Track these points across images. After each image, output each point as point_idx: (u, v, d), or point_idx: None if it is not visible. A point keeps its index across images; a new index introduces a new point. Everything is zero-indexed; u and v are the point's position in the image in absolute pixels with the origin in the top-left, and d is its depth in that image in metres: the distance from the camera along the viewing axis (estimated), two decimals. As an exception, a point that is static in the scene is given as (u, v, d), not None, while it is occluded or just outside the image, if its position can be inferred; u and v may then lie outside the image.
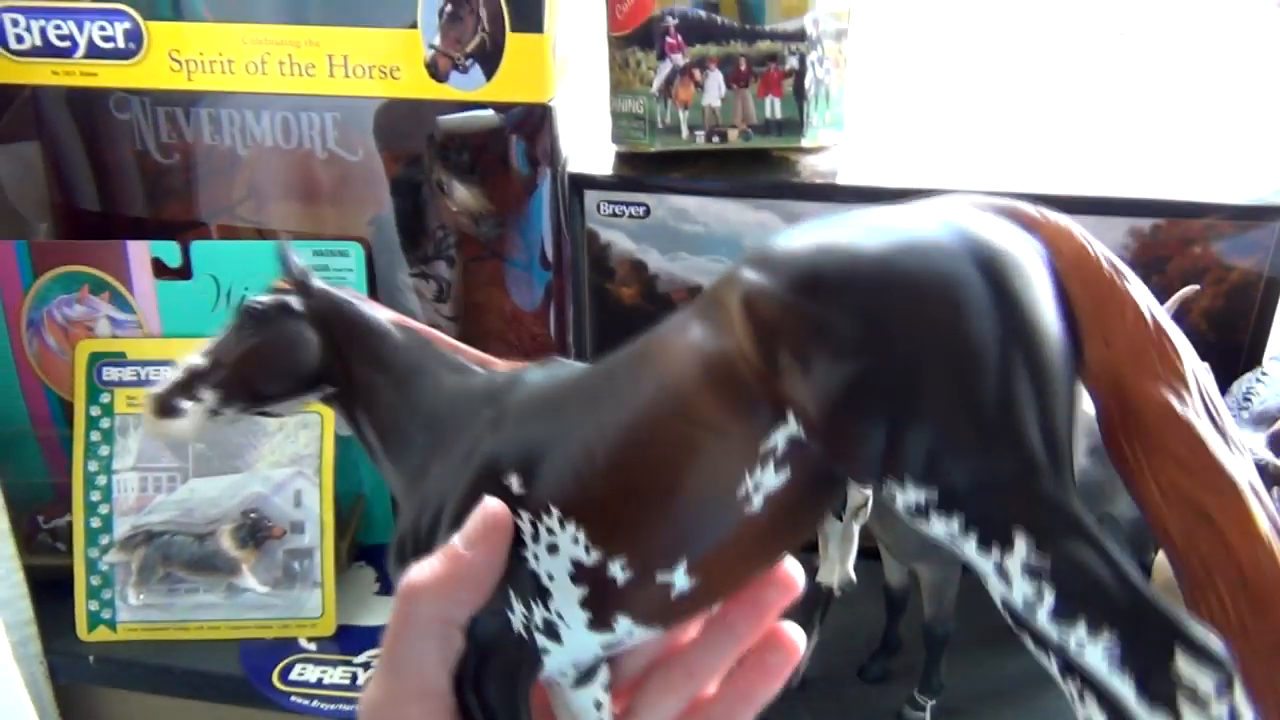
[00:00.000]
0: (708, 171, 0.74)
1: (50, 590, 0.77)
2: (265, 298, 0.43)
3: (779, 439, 0.32)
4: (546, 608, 0.36)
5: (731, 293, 0.32)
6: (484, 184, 0.76)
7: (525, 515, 0.36)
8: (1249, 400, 0.57)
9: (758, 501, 0.32)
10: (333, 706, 0.71)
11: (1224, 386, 0.62)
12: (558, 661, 0.37)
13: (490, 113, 0.73)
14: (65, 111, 0.82)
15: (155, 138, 0.81)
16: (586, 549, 0.34)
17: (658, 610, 0.35)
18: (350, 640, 0.76)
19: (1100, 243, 0.32)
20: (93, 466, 0.76)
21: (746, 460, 0.32)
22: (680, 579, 0.34)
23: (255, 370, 0.42)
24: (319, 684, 0.73)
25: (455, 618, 0.35)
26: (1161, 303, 0.59)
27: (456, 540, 0.35)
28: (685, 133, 0.73)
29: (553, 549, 0.35)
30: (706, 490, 0.33)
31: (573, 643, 0.36)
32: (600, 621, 0.35)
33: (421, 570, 0.36)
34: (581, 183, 0.74)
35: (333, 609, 0.76)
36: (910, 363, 0.29)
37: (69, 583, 0.76)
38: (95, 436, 0.77)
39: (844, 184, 0.73)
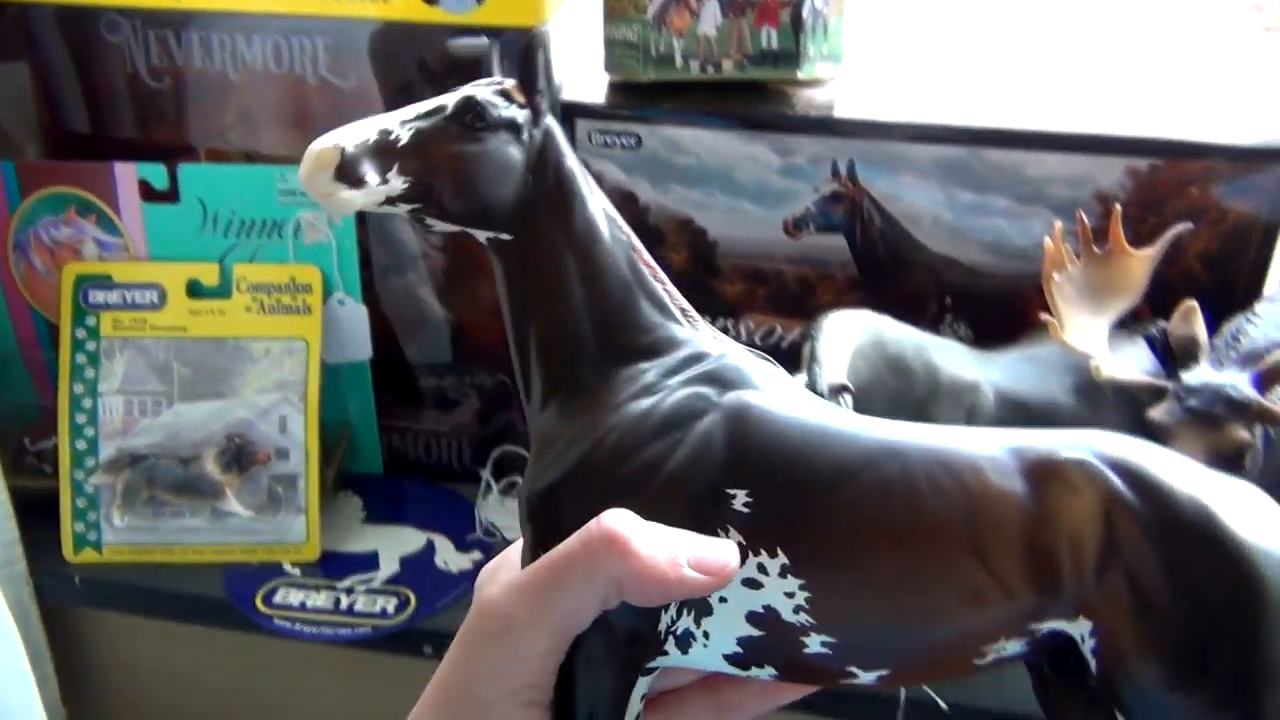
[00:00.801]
0: (701, 102, 0.72)
1: (37, 512, 0.77)
2: (496, 101, 0.36)
3: (1051, 627, 0.32)
4: (697, 622, 0.34)
5: (1089, 487, 0.32)
6: (474, 110, 0.75)
7: (734, 535, 0.33)
8: (1237, 340, 0.56)
9: (988, 659, 0.33)
10: (315, 630, 0.72)
11: (1215, 328, 0.61)
12: (666, 662, 0.35)
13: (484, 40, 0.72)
14: (56, 32, 0.80)
15: (146, 60, 0.80)
16: (796, 610, 0.33)
17: (809, 675, 0.34)
18: (334, 566, 0.77)
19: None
20: (78, 389, 0.76)
21: (1013, 630, 0.33)
22: (867, 677, 0.34)
23: (455, 180, 0.35)
24: (302, 607, 0.73)
25: (630, 596, 0.33)
26: (1154, 241, 0.59)
27: (687, 552, 0.32)
28: (679, 62, 0.72)
29: (752, 584, 0.33)
30: (960, 634, 0.33)
31: (696, 657, 0.35)
32: (745, 661, 0.34)
33: (637, 533, 0.32)
34: (573, 111, 0.73)
35: (317, 535, 0.76)
36: (1250, 661, 0.31)
37: (55, 504, 0.77)
38: (81, 359, 0.76)
39: (840, 117, 0.72)
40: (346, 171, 0.33)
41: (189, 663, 0.85)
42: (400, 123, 0.35)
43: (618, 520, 0.32)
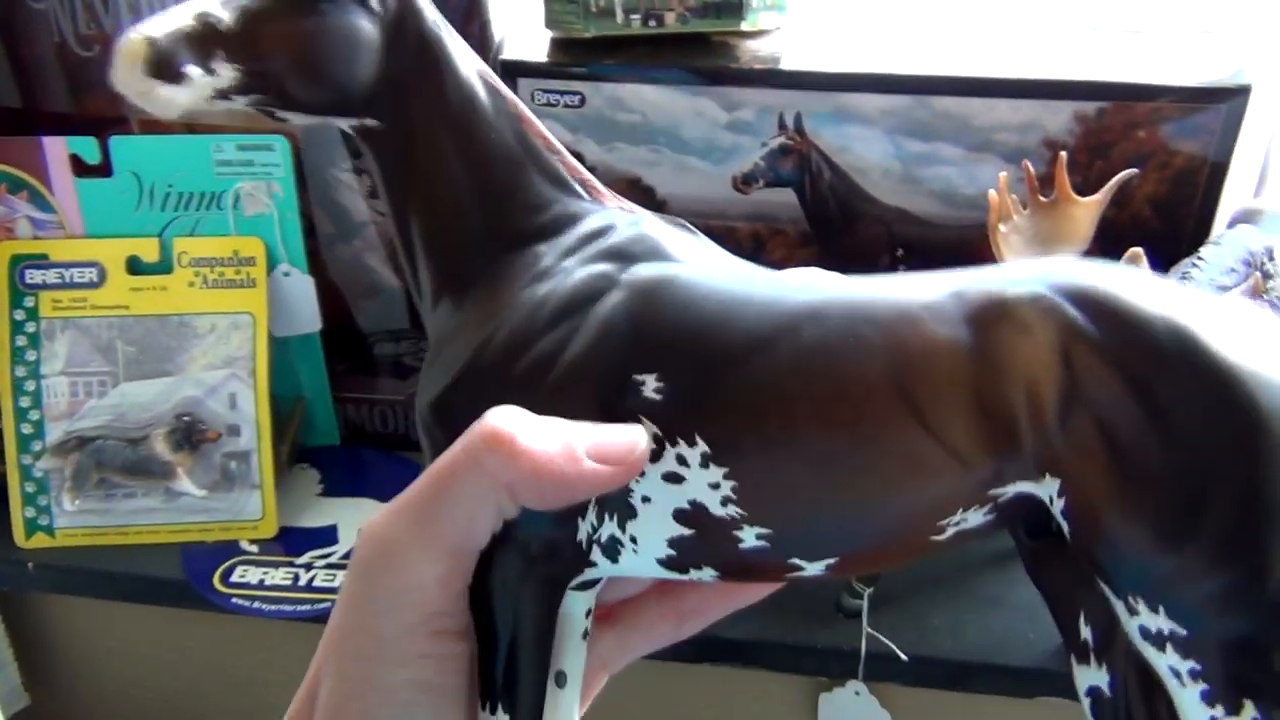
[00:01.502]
0: (644, 57, 0.71)
1: (-14, 498, 0.76)
2: None
3: (1015, 490, 0.28)
4: (622, 528, 0.31)
5: (1042, 324, 0.28)
6: (413, 73, 0.73)
7: (648, 425, 0.30)
8: (1184, 284, 0.56)
9: (949, 535, 0.29)
10: (274, 607, 0.71)
11: (1165, 271, 0.61)
12: (596, 574, 0.32)
13: None
14: (-23, 3, 0.78)
15: (74, 28, 0.77)
16: (724, 501, 0.29)
17: (750, 572, 0.31)
18: (292, 542, 0.76)
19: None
20: (20, 372, 0.74)
21: (970, 499, 0.28)
22: (814, 568, 0.30)
23: (296, 62, 0.31)
24: (260, 585, 0.72)
25: (526, 500, 0.28)
26: (1102, 187, 0.58)
27: (584, 442, 0.28)
28: (620, 17, 0.70)
29: (673, 479, 0.30)
30: (911, 510, 0.29)
31: (628, 565, 0.31)
32: (681, 564, 0.31)
33: (523, 429, 0.28)
34: (514, 70, 0.72)
35: (273, 511, 0.76)
36: (1250, 507, 0.26)
37: (4, 490, 0.75)
38: (21, 341, 0.75)
39: (787, 69, 0.70)
40: (162, 66, 0.29)
41: (150, 644, 0.85)
42: (222, 3, 0.31)
43: (501, 417, 0.28)
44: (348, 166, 0.78)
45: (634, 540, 0.31)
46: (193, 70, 0.30)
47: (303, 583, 0.72)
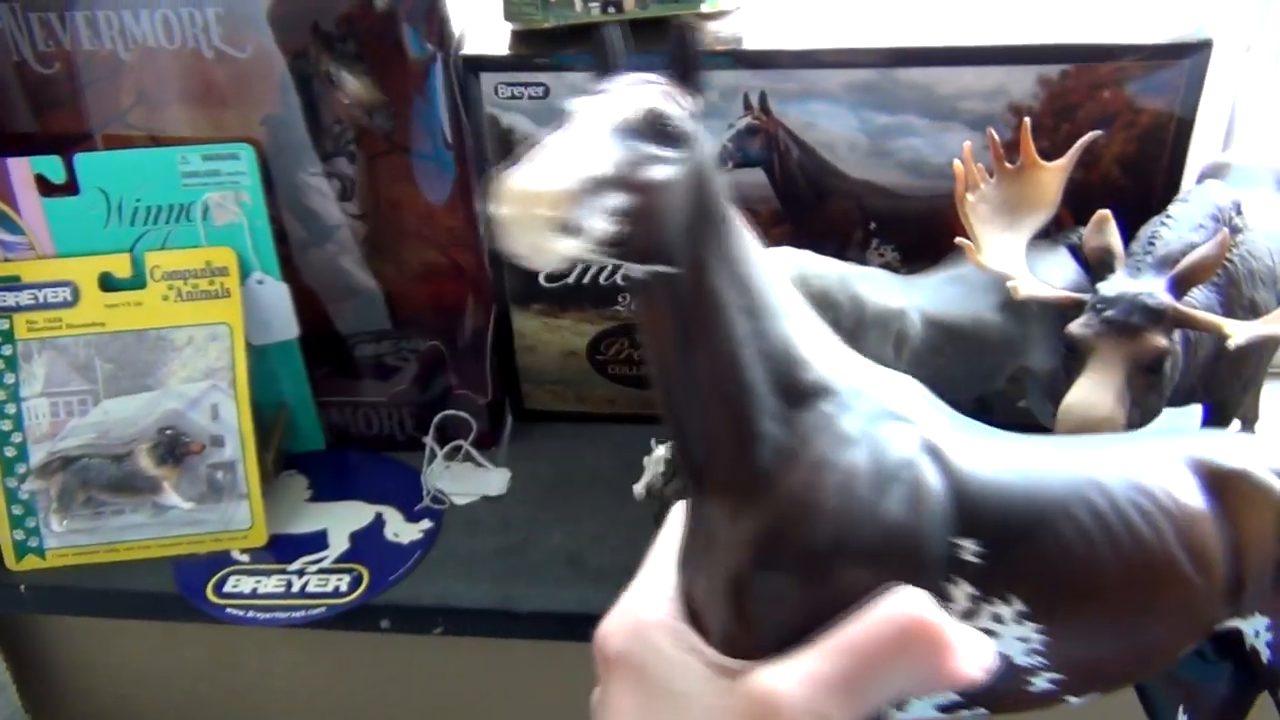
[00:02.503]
0: (606, 45, 0.71)
1: (-27, 522, 0.75)
2: (673, 110, 0.29)
3: (1229, 625, 0.35)
4: None
5: (1264, 498, 0.35)
6: (375, 73, 0.73)
7: (965, 587, 0.32)
8: (1153, 244, 0.56)
9: (1175, 660, 0.35)
10: (269, 615, 0.71)
11: (1135, 231, 0.61)
12: None
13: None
14: (-67, 26, 0.77)
15: (32, 46, 0.77)
16: (1029, 653, 0.33)
17: (1021, 706, 0.35)
18: (283, 549, 0.76)
19: None
20: (-1, 395, 0.74)
21: (1207, 632, 0.35)
22: (1078, 702, 0.35)
23: (657, 212, 0.29)
24: (254, 594, 0.73)
25: (928, 690, 0.33)
26: (1068, 149, 0.58)
27: (969, 648, 0.30)
28: (579, 5, 0.70)
29: (987, 634, 0.33)
30: (1170, 644, 0.34)
31: (912, 711, 0.35)
32: (959, 707, 0.34)
33: (954, 631, 0.30)
34: (476, 65, 0.71)
35: (262, 519, 0.76)
36: None
37: (-9, 514, 0.75)
38: (-2, 364, 0.74)
39: (749, 49, 0.70)
40: (567, 224, 0.27)
41: (146, 659, 0.85)
42: (593, 147, 0.28)
43: (928, 610, 0.30)
44: (316, 171, 0.77)
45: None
46: (587, 223, 0.27)
47: (296, 589, 0.73)
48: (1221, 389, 0.61)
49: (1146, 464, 0.35)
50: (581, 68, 0.70)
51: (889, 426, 0.32)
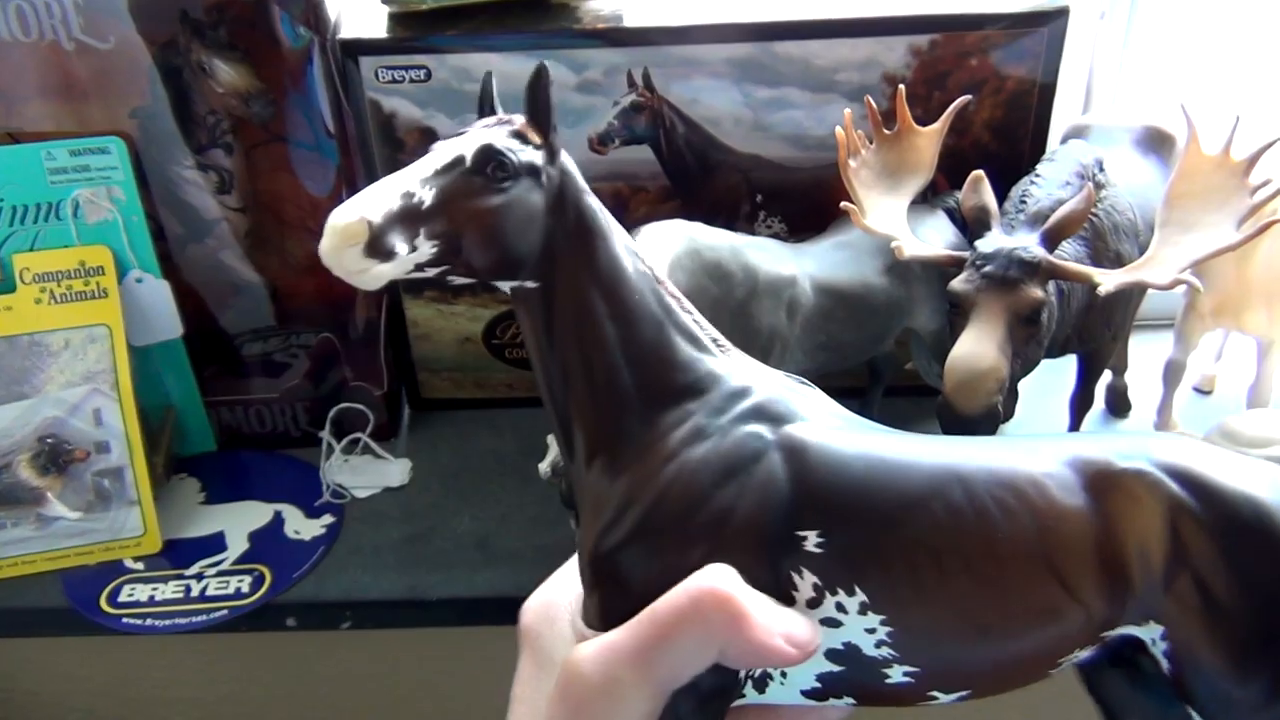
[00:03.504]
0: (486, 25, 0.70)
1: None
2: (514, 145, 0.33)
3: (1120, 632, 0.33)
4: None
5: (1150, 497, 0.33)
6: (249, 59, 0.71)
7: (809, 576, 0.33)
8: (1024, 202, 0.59)
9: (1061, 666, 0.34)
10: (168, 622, 0.69)
11: (1007, 192, 0.64)
12: (741, 704, 0.35)
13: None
14: None
15: (-127, 44, 0.72)
16: (878, 645, 0.33)
17: (888, 701, 0.34)
18: (179, 554, 0.74)
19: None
20: None
21: (1088, 640, 0.33)
22: (947, 699, 0.34)
23: (481, 236, 0.33)
24: (151, 602, 0.70)
25: (727, 659, 0.32)
26: (941, 115, 0.61)
27: (782, 624, 0.32)
28: (457, -14, 0.69)
29: (831, 623, 0.33)
30: (1041, 650, 0.33)
31: (773, 695, 0.35)
32: (823, 694, 0.34)
33: (749, 599, 0.32)
34: (354, 49, 0.70)
35: (155, 525, 0.73)
36: None
37: None
38: None
39: (629, 26, 0.71)
40: (377, 246, 0.31)
41: (41, 678, 0.81)
42: (420, 181, 0.32)
43: (727, 582, 0.32)
44: (190, 164, 0.75)
45: (784, 675, 0.34)
46: (401, 248, 0.31)
47: (195, 593, 0.71)
48: (1093, 338, 0.64)
49: (1022, 460, 0.34)
50: (462, 49, 0.70)
51: (748, 426, 0.34)
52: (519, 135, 0.34)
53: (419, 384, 0.85)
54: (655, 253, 0.60)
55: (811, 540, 0.33)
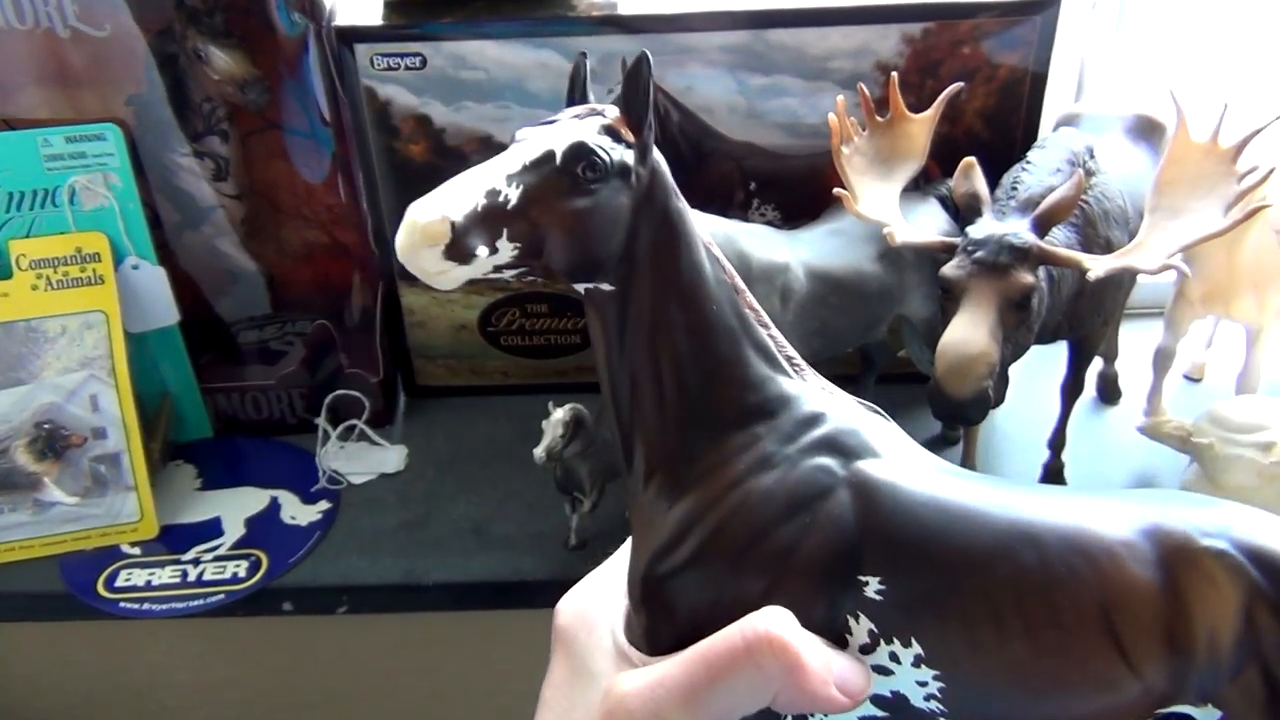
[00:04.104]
0: (481, 13, 0.71)
1: None
2: (605, 144, 0.31)
3: (1175, 710, 0.32)
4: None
5: (1229, 582, 0.31)
6: (244, 46, 0.71)
7: (865, 623, 0.32)
8: (1015, 189, 0.59)
9: None
10: (165, 606, 0.70)
11: (998, 176, 0.64)
12: None
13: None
14: None
15: None
16: (927, 698, 0.32)
17: None
18: (176, 539, 0.74)
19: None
20: None
21: (1141, 712, 0.32)
22: None
23: (566, 240, 0.31)
24: (148, 586, 0.71)
25: (777, 705, 0.31)
26: (933, 103, 0.61)
27: (835, 670, 0.31)
28: (453, -27, 0.70)
29: (883, 671, 0.32)
30: (1088, 716, 0.32)
31: None
32: None
33: (804, 645, 0.31)
34: (350, 36, 0.70)
35: (151, 511, 0.74)
36: None
37: None
38: None
39: (624, 14, 0.71)
40: (457, 247, 0.29)
41: (40, 664, 0.82)
42: (505, 178, 0.30)
43: (782, 625, 0.31)
44: (186, 151, 0.75)
45: (826, 716, 0.33)
46: (481, 250, 0.30)
47: (191, 578, 0.71)
48: (1084, 324, 0.65)
49: (1099, 523, 0.32)
50: (458, 36, 0.70)
51: (818, 459, 0.33)
52: (611, 131, 0.32)
53: (415, 371, 0.85)
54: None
55: (873, 586, 0.32)
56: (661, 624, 0.33)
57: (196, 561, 0.72)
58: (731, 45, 0.71)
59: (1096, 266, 0.53)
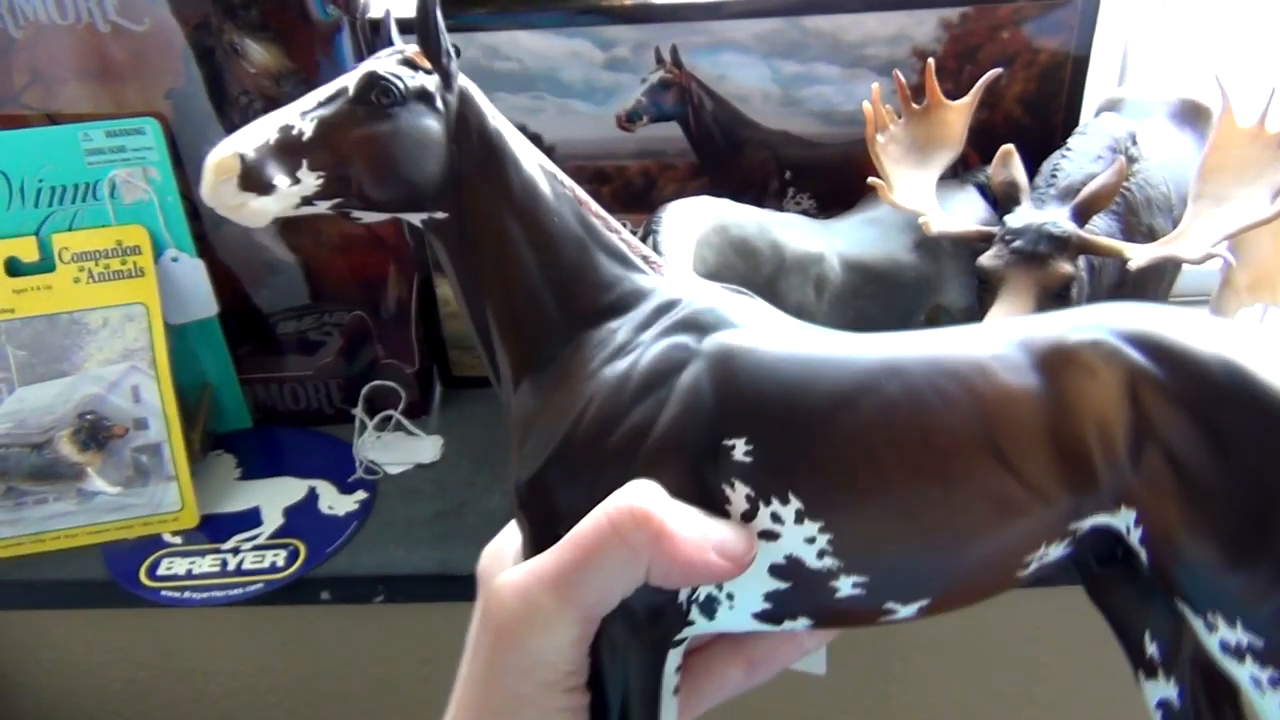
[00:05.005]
0: (515, 3, 0.70)
1: (-111, 522, 0.73)
2: (401, 72, 0.32)
3: (1093, 523, 0.30)
4: (719, 586, 0.32)
5: (1107, 367, 0.29)
6: (280, 40, 0.71)
7: (741, 488, 0.31)
8: (1055, 176, 0.58)
9: (1031, 569, 0.31)
10: (205, 595, 0.70)
11: (1038, 163, 0.63)
12: (693, 631, 0.33)
13: None
14: None
15: (-82, 28, 0.74)
16: (820, 554, 0.31)
17: (845, 619, 0.32)
18: (216, 528, 0.75)
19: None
20: (-93, 389, 0.72)
21: (1053, 534, 0.30)
22: (907, 610, 0.32)
23: (371, 166, 0.32)
24: (189, 575, 0.72)
25: (654, 578, 0.30)
26: (972, 89, 0.60)
27: (714, 536, 0.30)
28: (485, -36, 0.70)
29: (769, 536, 0.31)
30: (999, 548, 0.30)
31: (724, 621, 0.33)
32: (776, 616, 0.32)
33: (670, 514, 0.30)
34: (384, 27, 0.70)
35: (192, 500, 0.75)
36: None
37: (-93, 512, 0.73)
38: (-97, 357, 0.72)
39: (658, 2, 0.70)
40: (252, 178, 0.31)
41: (83, 649, 0.83)
42: (301, 114, 0.32)
43: (648, 497, 0.30)
44: (225, 144, 0.76)
45: (730, 597, 0.32)
46: (280, 180, 0.31)
47: (231, 567, 0.72)
48: (1125, 314, 0.63)
49: (968, 345, 0.31)
50: (491, 27, 0.70)
51: (673, 338, 0.33)
52: (409, 63, 0.33)
53: (450, 362, 0.85)
54: (682, 229, 0.60)
55: (740, 448, 0.31)
56: (541, 530, 0.33)
57: (236, 551, 0.73)
58: (765, 32, 0.70)
59: (1138, 255, 0.52)
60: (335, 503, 0.77)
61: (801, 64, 0.71)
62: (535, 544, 0.33)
